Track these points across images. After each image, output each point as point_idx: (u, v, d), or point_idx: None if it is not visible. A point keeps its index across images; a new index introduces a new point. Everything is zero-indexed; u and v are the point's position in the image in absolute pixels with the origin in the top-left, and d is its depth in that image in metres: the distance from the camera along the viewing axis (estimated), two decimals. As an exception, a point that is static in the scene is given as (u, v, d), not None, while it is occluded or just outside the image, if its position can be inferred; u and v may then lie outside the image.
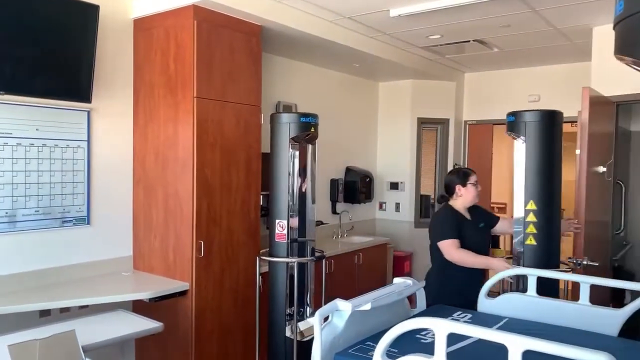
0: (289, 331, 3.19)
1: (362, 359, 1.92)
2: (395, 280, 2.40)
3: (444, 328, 1.52)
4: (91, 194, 3.34)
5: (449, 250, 3.02)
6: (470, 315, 2.51)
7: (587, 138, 3.43)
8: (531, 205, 2.91)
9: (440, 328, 1.53)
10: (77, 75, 3.07)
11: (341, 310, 1.98)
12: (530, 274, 2.59)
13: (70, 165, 3.23)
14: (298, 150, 3.22)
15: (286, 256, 3.18)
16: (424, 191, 6.11)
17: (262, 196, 3.69)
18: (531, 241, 2.92)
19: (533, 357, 1.36)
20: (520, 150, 2.98)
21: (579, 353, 1.31)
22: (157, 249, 3.45)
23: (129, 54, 3.54)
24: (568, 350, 1.32)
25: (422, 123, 6.01)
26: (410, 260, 5.81)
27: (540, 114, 2.93)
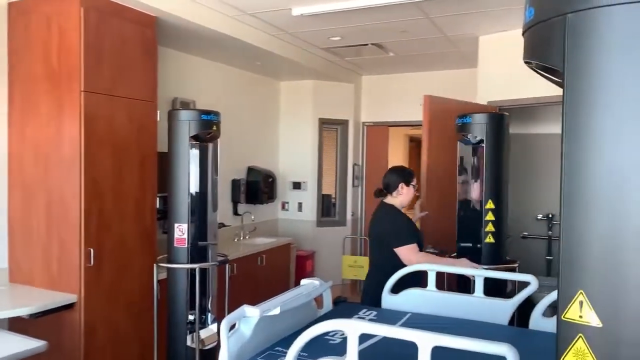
0: (190, 340, 3.05)
1: (272, 365, 1.86)
2: (303, 281, 2.38)
3: (357, 329, 1.52)
4: (-45, 199, 2.92)
5: (408, 256, 2.87)
6: (375, 312, 2.56)
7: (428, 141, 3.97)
8: (490, 205, 3.14)
9: (354, 329, 1.51)
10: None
11: (249, 316, 1.90)
12: (430, 269, 2.70)
13: None
14: (198, 149, 3.10)
15: (187, 262, 3.04)
16: (325, 191, 6.19)
17: (159, 198, 3.48)
18: (490, 239, 3.15)
19: (439, 351, 1.41)
20: (474, 151, 3.26)
21: (484, 346, 1.39)
22: (38, 259, 3.10)
23: (2, 42, 3.14)
24: (474, 344, 1.39)
25: (323, 123, 6.09)
26: (313, 259, 5.87)
27: (498, 116, 3.26)
